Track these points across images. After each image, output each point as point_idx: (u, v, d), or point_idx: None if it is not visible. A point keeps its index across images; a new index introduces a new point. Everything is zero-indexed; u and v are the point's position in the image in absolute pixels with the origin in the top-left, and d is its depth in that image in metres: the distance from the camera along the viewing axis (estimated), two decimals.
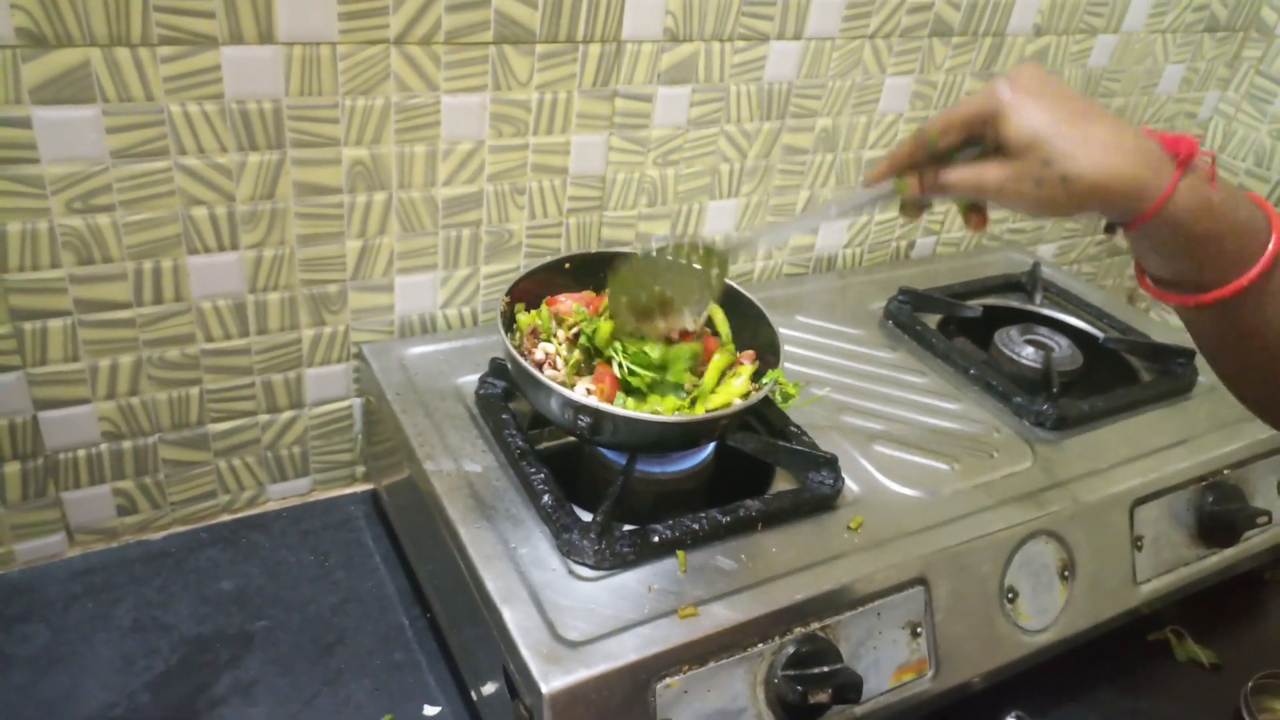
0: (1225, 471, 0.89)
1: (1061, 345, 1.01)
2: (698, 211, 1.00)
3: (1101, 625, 0.81)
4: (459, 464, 0.75)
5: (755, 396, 0.72)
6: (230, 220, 0.76)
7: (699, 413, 0.72)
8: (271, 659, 0.77)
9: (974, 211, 0.64)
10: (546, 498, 0.70)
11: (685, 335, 0.74)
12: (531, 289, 0.81)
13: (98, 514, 0.84)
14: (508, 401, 0.81)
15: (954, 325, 1.08)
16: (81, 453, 0.80)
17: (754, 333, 0.80)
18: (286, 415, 0.88)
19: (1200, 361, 0.99)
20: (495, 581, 0.64)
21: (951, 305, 1.06)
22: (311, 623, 0.81)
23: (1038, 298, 1.12)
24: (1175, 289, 0.57)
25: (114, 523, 0.85)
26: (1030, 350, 1.00)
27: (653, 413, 0.70)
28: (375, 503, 0.94)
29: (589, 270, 0.84)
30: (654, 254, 0.73)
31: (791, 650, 0.65)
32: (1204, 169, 0.54)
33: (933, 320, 1.05)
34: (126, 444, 0.82)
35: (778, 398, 0.76)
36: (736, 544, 0.70)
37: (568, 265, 0.83)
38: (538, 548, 0.68)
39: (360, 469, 0.95)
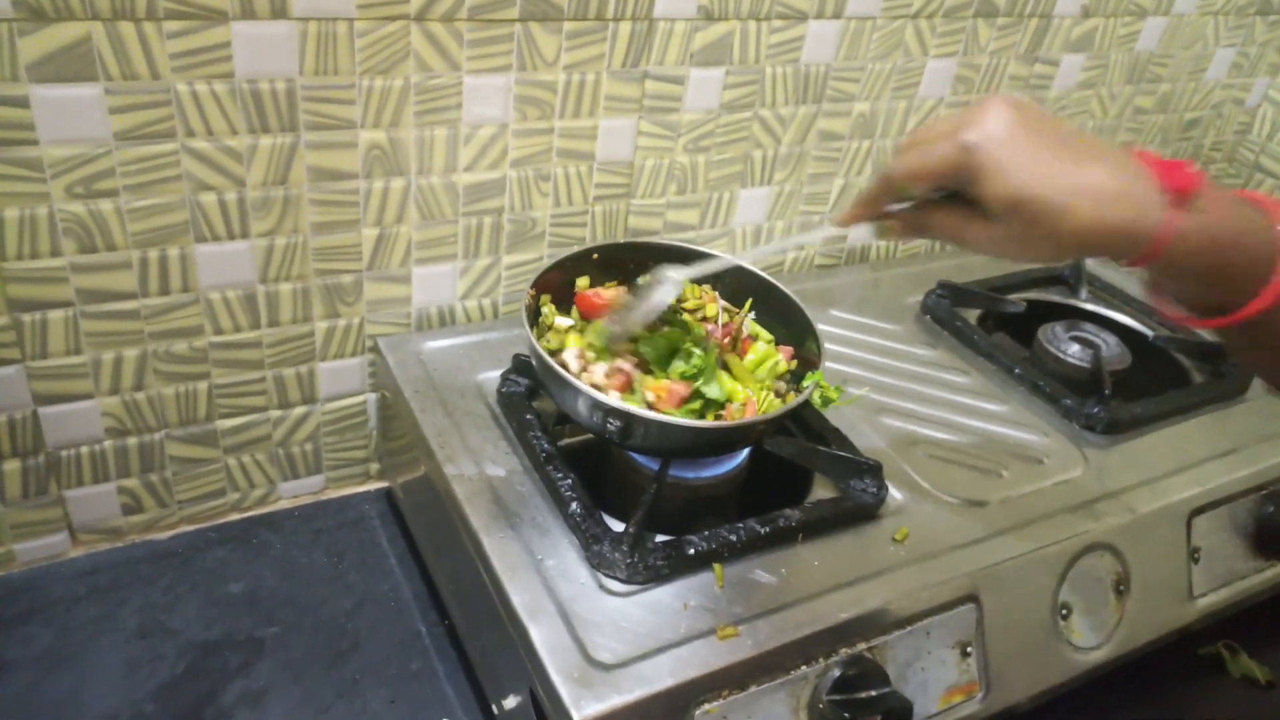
0: None
1: (1109, 343, 0.96)
2: (728, 200, 0.95)
3: (1155, 642, 0.77)
4: (481, 467, 0.71)
5: (795, 400, 0.68)
6: (241, 207, 0.72)
7: (734, 418, 0.68)
8: (283, 666, 0.74)
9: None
10: (574, 505, 0.66)
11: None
12: (557, 281, 0.77)
13: (102, 512, 0.80)
14: (531, 400, 0.77)
15: (992, 320, 1.03)
16: (84, 449, 0.76)
17: (792, 331, 0.76)
18: (299, 411, 0.84)
19: None
20: (521, 596, 0.61)
21: (992, 300, 1.01)
22: (325, 627, 0.77)
23: (1083, 292, 1.07)
24: (1192, 311, 0.54)
25: (119, 521, 0.81)
26: (1076, 348, 0.95)
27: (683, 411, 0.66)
28: (390, 501, 0.91)
29: (617, 261, 0.80)
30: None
31: (837, 673, 0.61)
32: (1203, 197, 0.49)
33: (972, 315, 1.00)
34: (131, 440, 0.78)
35: (817, 400, 0.72)
36: (776, 557, 0.66)
37: (595, 256, 0.79)
38: (565, 559, 0.64)
39: (374, 466, 0.92)
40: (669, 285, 0.70)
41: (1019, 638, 0.70)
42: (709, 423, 0.66)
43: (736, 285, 0.79)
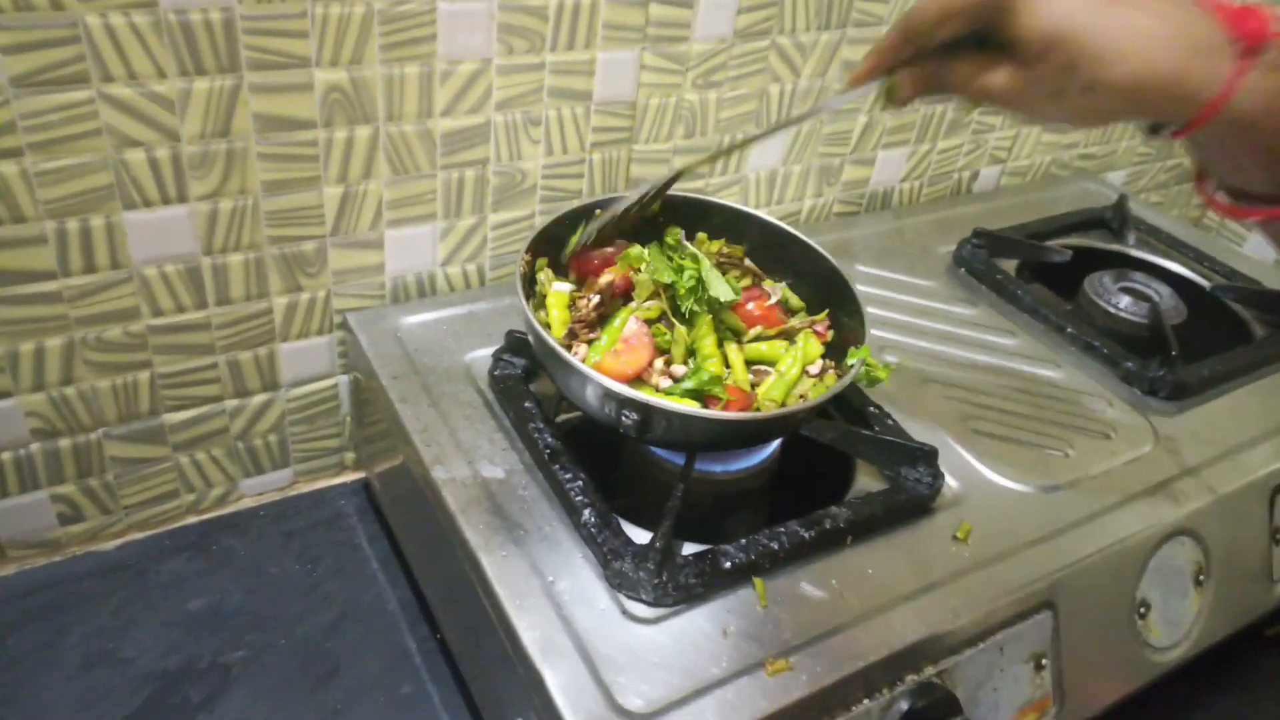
0: None
1: (1162, 294, 0.87)
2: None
3: (1235, 635, 0.69)
4: (475, 468, 0.60)
5: (839, 384, 0.58)
6: (175, 165, 0.60)
7: (768, 403, 0.58)
8: (254, 696, 0.64)
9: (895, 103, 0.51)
10: (587, 513, 0.56)
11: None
12: (556, 243, 0.66)
13: (35, 524, 0.69)
14: (528, 382, 0.66)
15: (1029, 270, 0.93)
16: (7, 455, 0.65)
17: (826, 297, 0.66)
18: (259, 399, 0.73)
19: None
20: (531, 630, 0.51)
21: (1034, 249, 0.91)
22: (301, 649, 0.68)
23: (1130, 237, 0.97)
24: (1251, 200, 0.45)
25: (56, 533, 0.71)
26: (1128, 301, 0.86)
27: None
28: (368, 492, 0.80)
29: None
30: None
31: (905, 706, 0.52)
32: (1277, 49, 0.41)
33: (1009, 266, 0.90)
34: (64, 442, 0.67)
35: (861, 377, 0.62)
36: (824, 565, 0.57)
37: (599, 211, 0.68)
38: (579, 578, 0.54)
39: (350, 456, 0.81)
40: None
41: (1095, 643, 0.62)
42: (741, 415, 0.56)
43: (761, 241, 0.69)
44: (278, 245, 0.67)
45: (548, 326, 0.63)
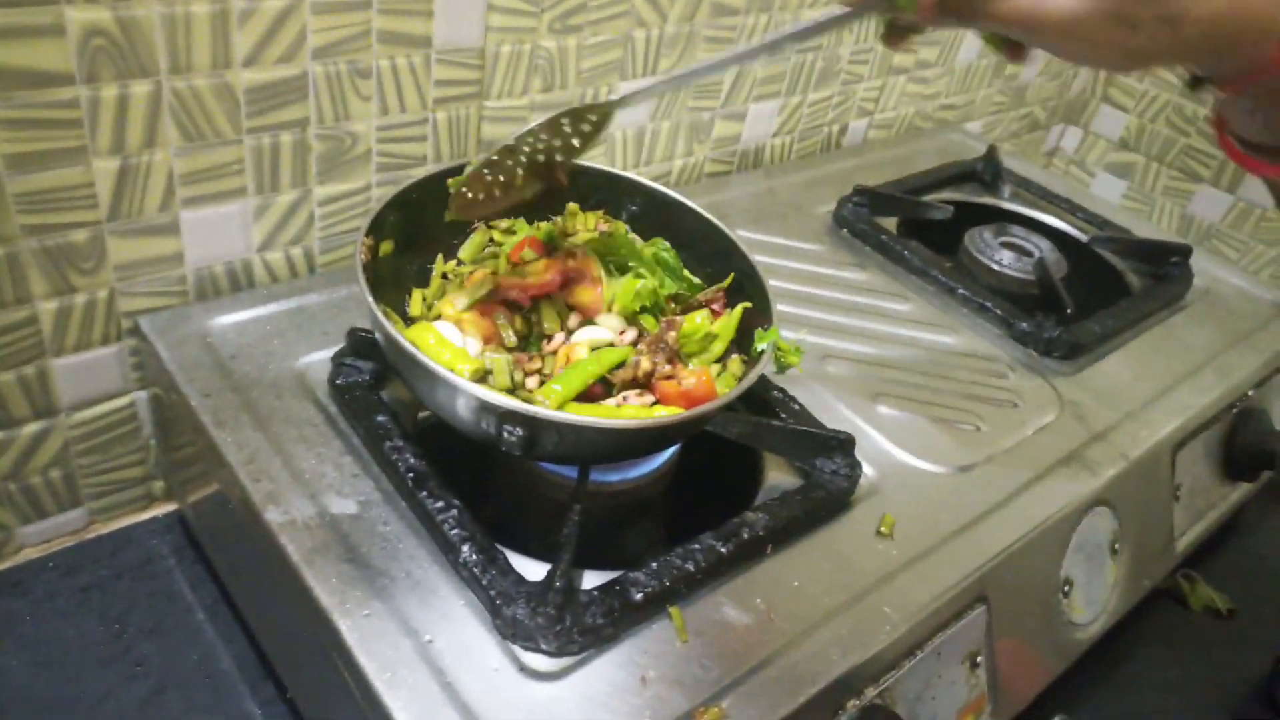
0: (1250, 393, 0.76)
1: (1043, 249, 0.84)
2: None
3: (1145, 599, 0.68)
4: (320, 504, 0.49)
5: (751, 374, 0.50)
6: None
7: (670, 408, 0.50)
8: None
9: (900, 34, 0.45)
10: (467, 550, 0.46)
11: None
12: (404, 222, 0.55)
13: None
14: (379, 389, 0.55)
15: (906, 227, 0.89)
16: None
17: (721, 274, 0.59)
18: (31, 429, 0.58)
19: (1195, 260, 0.85)
20: (408, 709, 0.41)
21: (914, 205, 0.86)
22: None
23: (1005, 190, 0.94)
24: (1263, 154, 0.43)
25: None
26: (1009, 256, 0.83)
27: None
28: (185, 526, 0.67)
29: None
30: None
31: None
32: None
33: (890, 224, 0.85)
34: None
35: (771, 365, 0.55)
36: (745, 581, 0.50)
37: (451, 181, 0.57)
38: (462, 633, 0.45)
39: (158, 484, 0.67)
40: None
41: (1024, 632, 0.58)
42: (643, 422, 0.48)
43: (642, 210, 0.61)
44: (36, 236, 0.52)
45: (410, 322, 0.53)
